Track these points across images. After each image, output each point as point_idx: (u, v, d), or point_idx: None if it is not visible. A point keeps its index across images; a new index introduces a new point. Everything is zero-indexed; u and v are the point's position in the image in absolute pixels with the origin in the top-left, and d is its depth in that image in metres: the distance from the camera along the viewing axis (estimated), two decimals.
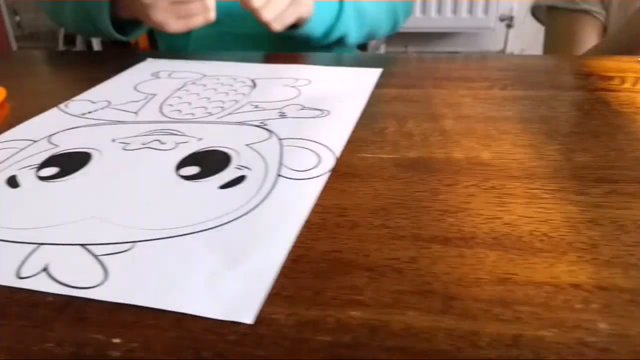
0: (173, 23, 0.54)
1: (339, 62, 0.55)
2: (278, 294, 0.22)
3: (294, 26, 0.59)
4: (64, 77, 0.56)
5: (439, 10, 1.63)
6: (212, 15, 0.54)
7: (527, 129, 0.37)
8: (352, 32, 0.66)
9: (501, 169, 0.32)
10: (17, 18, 1.76)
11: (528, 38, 1.66)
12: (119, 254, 0.25)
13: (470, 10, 1.64)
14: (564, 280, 0.22)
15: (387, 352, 0.19)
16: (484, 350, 0.19)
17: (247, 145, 0.36)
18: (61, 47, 1.72)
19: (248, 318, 0.20)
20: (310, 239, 0.25)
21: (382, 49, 1.59)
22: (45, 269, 0.24)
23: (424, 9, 1.62)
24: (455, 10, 1.63)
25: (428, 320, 0.20)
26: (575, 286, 0.22)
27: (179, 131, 0.39)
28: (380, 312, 0.20)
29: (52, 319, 0.20)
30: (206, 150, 0.35)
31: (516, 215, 0.27)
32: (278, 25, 0.56)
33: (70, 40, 1.56)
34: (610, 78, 0.47)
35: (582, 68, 0.51)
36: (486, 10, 1.63)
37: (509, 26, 1.69)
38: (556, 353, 0.19)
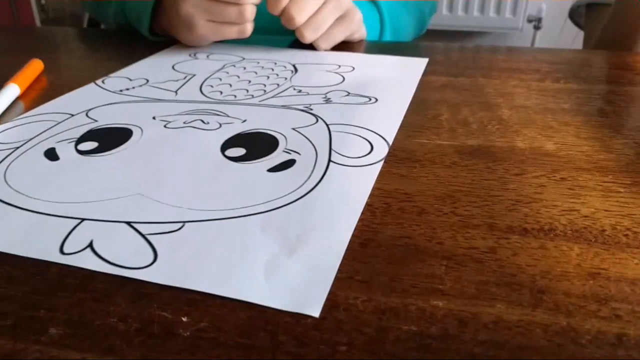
0: (202, 23, 0.48)
1: (379, 51, 0.53)
2: (351, 278, 0.20)
3: None
4: (99, 54, 0.55)
5: (466, 8, 1.60)
6: (248, 29, 0.49)
7: (589, 122, 0.35)
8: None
9: (569, 160, 0.30)
10: (42, 1, 1.76)
11: (556, 40, 1.63)
12: (167, 234, 0.23)
13: (498, 10, 1.60)
14: None
15: (482, 346, 0.17)
16: (587, 348, 0.17)
17: (293, 129, 0.34)
18: None
19: (315, 311, 0.18)
20: (376, 223, 0.24)
21: None
22: (90, 246, 0.22)
23: (451, 7, 1.59)
24: (482, 9, 1.60)
25: (519, 314, 0.18)
26: None
27: (222, 112, 0.37)
28: (466, 303, 0.19)
29: (112, 292, 0.19)
30: (252, 132, 0.34)
31: (593, 208, 0.25)
32: (325, 45, 0.52)
33: (94, 24, 1.56)
34: None
35: (637, 64, 0.48)
36: (514, 11, 1.60)
37: (537, 28, 1.66)
38: None
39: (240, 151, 0.31)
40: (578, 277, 0.20)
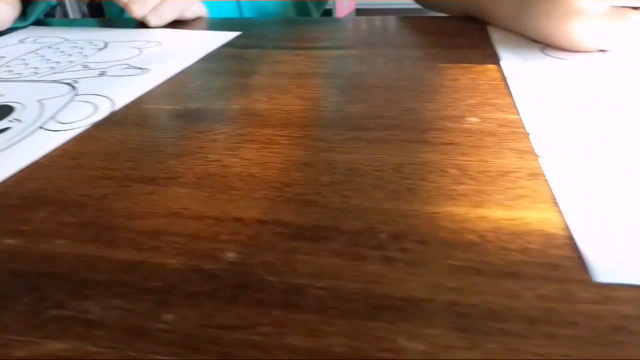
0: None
1: (219, 27, 0.55)
2: None
3: None
4: None
5: None
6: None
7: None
8: None
9: (268, 117, 0.32)
10: None
11: None
12: None
13: None
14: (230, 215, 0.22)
15: None
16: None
17: (39, 100, 0.36)
18: None
19: None
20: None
21: None
22: None
23: None
24: None
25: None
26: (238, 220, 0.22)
27: None
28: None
29: None
30: None
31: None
32: (155, 20, 0.54)
33: None
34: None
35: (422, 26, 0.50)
36: None
37: None
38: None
39: None
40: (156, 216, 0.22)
